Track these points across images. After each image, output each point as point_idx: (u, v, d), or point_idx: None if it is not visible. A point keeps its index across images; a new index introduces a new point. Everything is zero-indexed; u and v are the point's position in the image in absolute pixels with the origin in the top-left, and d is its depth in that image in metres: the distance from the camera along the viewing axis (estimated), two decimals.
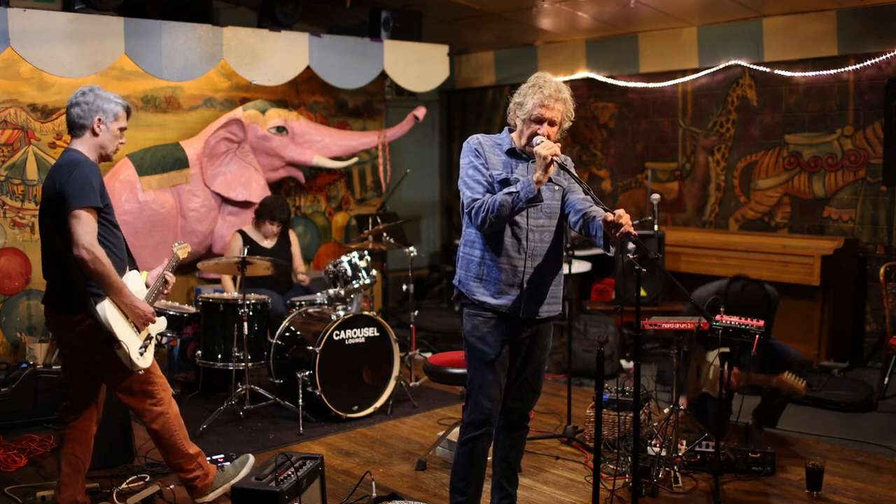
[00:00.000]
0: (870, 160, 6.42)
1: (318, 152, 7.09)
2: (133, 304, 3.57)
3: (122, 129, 3.65)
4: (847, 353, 6.45)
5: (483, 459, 3.47)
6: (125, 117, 3.66)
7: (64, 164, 3.50)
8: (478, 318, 3.39)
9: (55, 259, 3.54)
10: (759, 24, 6.81)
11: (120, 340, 3.48)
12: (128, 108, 3.68)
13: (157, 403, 3.71)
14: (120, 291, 3.52)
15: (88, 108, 3.56)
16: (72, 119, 3.59)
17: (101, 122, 3.57)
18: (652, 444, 4.47)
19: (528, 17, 7.51)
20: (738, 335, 3.98)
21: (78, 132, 3.59)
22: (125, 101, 3.68)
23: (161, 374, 3.77)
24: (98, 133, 3.58)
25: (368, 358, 5.32)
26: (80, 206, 3.40)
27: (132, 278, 3.70)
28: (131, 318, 3.59)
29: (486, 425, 3.40)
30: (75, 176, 3.42)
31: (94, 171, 3.50)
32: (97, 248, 3.42)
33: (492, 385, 3.38)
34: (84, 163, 3.50)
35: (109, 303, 3.51)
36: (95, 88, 3.62)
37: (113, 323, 3.48)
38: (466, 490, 3.47)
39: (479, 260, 3.39)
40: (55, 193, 3.45)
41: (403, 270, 7.79)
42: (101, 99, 3.58)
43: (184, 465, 3.79)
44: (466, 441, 3.44)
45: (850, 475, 4.38)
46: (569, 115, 3.36)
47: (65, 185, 3.42)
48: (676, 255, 6.67)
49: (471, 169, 3.35)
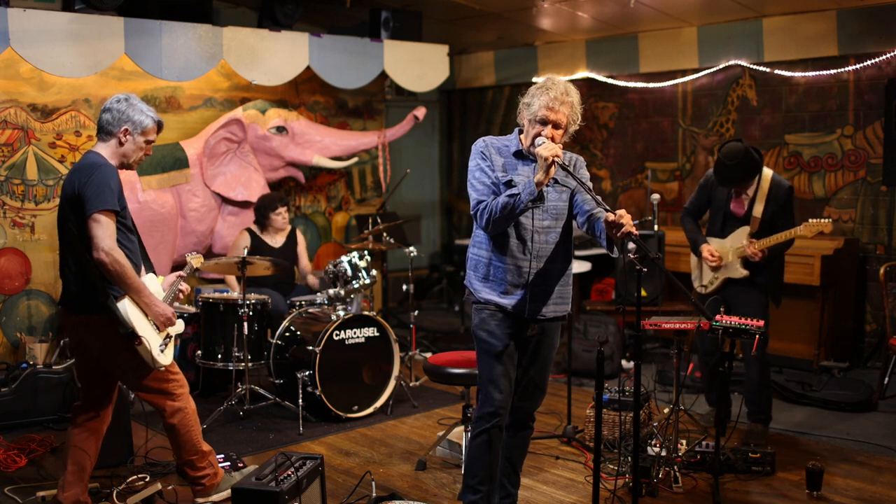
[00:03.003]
0: (870, 160, 6.42)
1: (318, 152, 7.09)
2: (153, 304, 3.64)
3: (148, 142, 3.69)
4: (847, 353, 6.45)
5: (495, 454, 3.45)
6: (154, 131, 3.70)
7: (84, 167, 3.54)
8: (485, 311, 3.43)
9: (72, 260, 3.57)
10: (759, 24, 6.80)
11: (141, 336, 3.53)
12: (159, 122, 3.72)
13: (176, 399, 3.76)
14: (140, 292, 3.58)
15: (119, 116, 3.61)
16: (101, 123, 3.64)
17: (128, 133, 3.62)
18: (652, 444, 4.48)
19: (528, 17, 7.51)
20: (738, 335, 3.99)
21: (104, 137, 3.65)
22: (158, 116, 3.71)
23: (179, 370, 3.82)
24: (123, 143, 3.64)
25: (368, 358, 5.32)
26: (99, 209, 3.45)
27: (149, 281, 3.75)
28: (151, 317, 3.64)
29: (496, 417, 3.40)
30: (94, 179, 3.47)
31: (113, 175, 3.55)
32: (117, 251, 3.47)
33: (501, 377, 3.39)
34: (104, 166, 3.54)
35: (129, 301, 3.57)
36: (132, 98, 3.67)
37: (133, 319, 3.54)
38: (479, 487, 3.44)
39: (487, 261, 3.42)
40: (74, 196, 3.50)
41: (403, 270, 7.80)
42: (133, 109, 3.62)
43: (196, 463, 3.83)
44: (478, 434, 3.43)
45: (850, 475, 4.38)
46: (575, 118, 3.37)
47: (84, 187, 3.47)
48: (676, 255, 6.66)
49: (477, 171, 3.39)
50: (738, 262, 4.87)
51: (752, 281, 4.86)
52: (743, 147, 4.73)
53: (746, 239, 4.83)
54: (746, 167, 4.73)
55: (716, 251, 4.92)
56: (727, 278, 4.93)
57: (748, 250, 4.78)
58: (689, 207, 5.15)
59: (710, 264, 4.94)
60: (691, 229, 5.09)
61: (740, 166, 4.71)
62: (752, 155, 4.73)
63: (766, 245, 4.76)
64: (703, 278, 5.07)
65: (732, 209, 4.93)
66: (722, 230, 4.99)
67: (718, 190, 4.95)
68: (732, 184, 4.84)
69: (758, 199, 4.82)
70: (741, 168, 4.72)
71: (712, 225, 5.08)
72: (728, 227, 4.96)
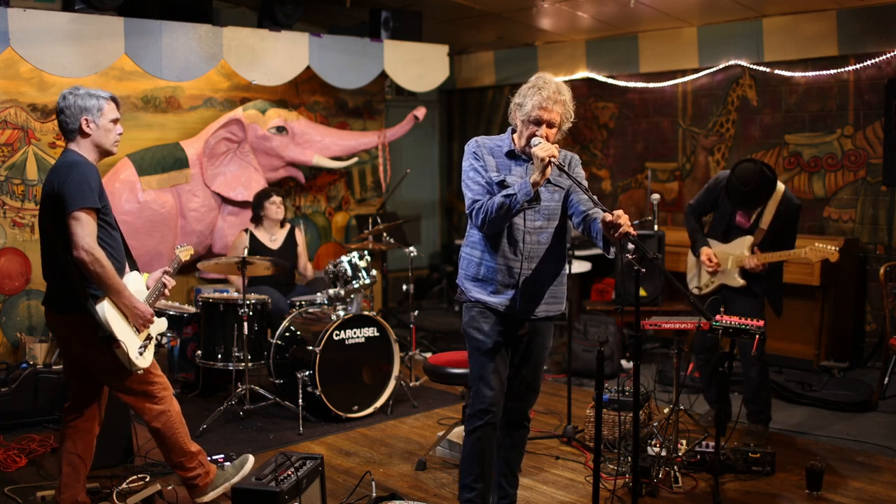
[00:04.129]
0: (870, 160, 6.42)
1: (318, 152, 7.09)
2: (133, 305, 3.57)
3: (113, 121, 3.62)
4: (847, 353, 6.45)
5: (490, 453, 3.45)
6: (114, 108, 3.62)
7: (62, 166, 3.50)
8: (475, 309, 3.43)
9: (54, 259, 3.54)
10: (759, 24, 6.80)
11: (119, 340, 3.48)
12: (113, 97, 3.63)
13: (158, 402, 3.71)
14: (119, 292, 3.52)
15: (72, 111, 3.55)
16: (61, 126, 3.59)
17: (89, 122, 3.56)
18: (652, 444, 4.48)
19: (528, 17, 7.51)
20: (738, 335, 3.99)
21: (70, 136, 3.59)
22: (108, 93, 3.63)
23: (161, 373, 3.77)
24: (89, 132, 3.57)
25: (368, 358, 5.32)
26: (79, 207, 3.40)
27: (133, 279, 3.70)
28: (130, 318, 3.59)
29: (488, 414, 3.40)
30: (73, 177, 3.42)
31: (93, 172, 3.50)
32: (97, 250, 3.42)
33: (491, 374, 3.39)
34: (82, 164, 3.50)
35: (108, 303, 3.51)
36: (75, 89, 3.59)
37: (112, 322, 3.48)
38: (474, 486, 3.44)
39: (478, 260, 3.42)
40: (54, 194, 3.45)
41: (403, 270, 7.80)
42: (81, 98, 3.56)
43: (185, 464, 3.80)
44: (471, 432, 3.43)
45: (850, 475, 4.38)
46: (568, 116, 3.36)
47: (63, 186, 3.42)
48: (676, 255, 6.66)
49: (471, 171, 3.38)
50: (737, 271, 4.83)
51: (749, 289, 4.83)
52: (757, 169, 4.63)
53: (748, 249, 4.80)
54: (761, 192, 4.66)
55: (714, 256, 4.88)
56: (722, 284, 4.92)
57: (748, 263, 4.74)
58: (694, 205, 5.08)
59: (707, 269, 4.91)
60: (694, 228, 5.05)
61: (756, 191, 4.64)
62: (766, 177, 4.64)
63: (768, 260, 4.72)
64: (699, 280, 5.06)
65: (738, 221, 4.88)
66: (724, 237, 4.95)
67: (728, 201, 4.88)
68: (746, 208, 4.79)
69: (766, 212, 4.77)
70: (755, 194, 4.66)
71: (715, 229, 5.04)
72: (731, 235, 4.91)
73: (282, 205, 6.27)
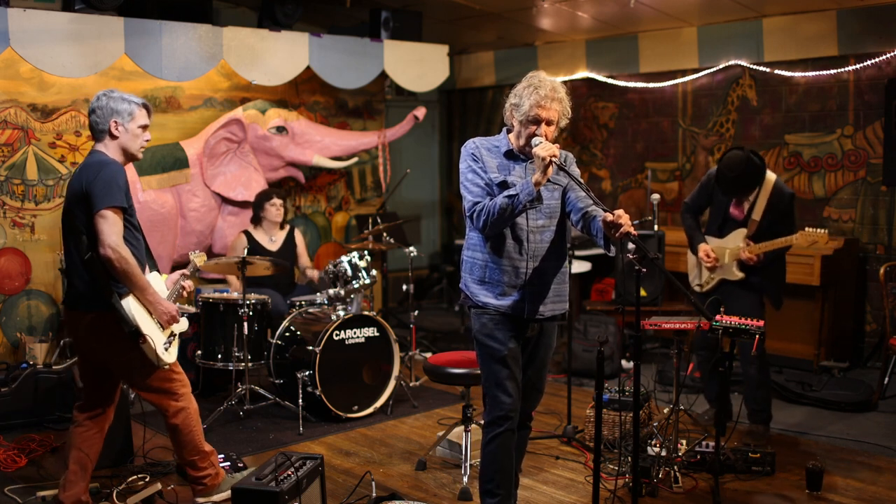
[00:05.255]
0: (870, 160, 6.42)
1: (318, 152, 7.09)
2: (158, 302, 3.64)
3: (142, 127, 3.69)
4: (847, 353, 6.45)
5: (510, 457, 3.44)
6: (145, 115, 3.70)
7: (91, 164, 3.56)
8: (485, 315, 3.41)
9: (78, 257, 3.57)
10: (759, 24, 6.80)
11: (145, 334, 3.54)
12: (145, 104, 3.71)
13: (179, 399, 3.77)
14: (144, 290, 3.59)
15: (103, 112, 3.62)
16: (91, 125, 3.66)
17: (119, 125, 3.62)
18: (652, 444, 4.48)
19: (528, 17, 7.51)
20: (738, 334, 3.99)
21: (99, 136, 3.66)
22: (142, 99, 3.71)
23: (182, 370, 3.82)
24: (117, 135, 3.64)
25: (368, 358, 5.32)
26: (107, 205, 3.46)
27: (153, 279, 3.76)
28: (156, 315, 3.65)
29: (507, 421, 3.39)
30: (102, 176, 3.48)
31: (121, 172, 3.56)
32: (123, 248, 3.48)
33: (508, 380, 3.38)
34: (111, 164, 3.56)
35: (133, 299, 3.58)
36: (110, 91, 3.67)
37: (138, 317, 3.55)
38: (496, 491, 3.43)
39: (482, 263, 3.41)
40: (82, 193, 3.51)
41: (403, 270, 7.80)
42: (114, 101, 3.63)
43: (198, 463, 3.84)
44: (491, 440, 3.41)
45: (850, 475, 4.38)
46: (565, 113, 3.36)
47: (91, 184, 3.48)
48: (676, 255, 6.66)
49: (469, 173, 3.37)
50: (735, 264, 4.87)
51: (748, 282, 4.86)
52: (744, 156, 4.70)
53: (743, 241, 4.84)
54: (748, 178, 4.72)
55: (712, 252, 4.92)
56: (723, 279, 4.94)
57: (743, 254, 4.79)
58: (689, 204, 5.14)
59: (706, 265, 4.94)
60: (690, 226, 5.09)
61: (742, 178, 4.70)
62: (753, 163, 4.70)
63: (762, 250, 4.77)
64: (700, 277, 5.08)
65: (732, 212, 4.93)
66: (720, 231, 5.00)
67: (719, 191, 4.94)
68: (735, 195, 4.84)
69: (758, 203, 4.82)
70: (743, 180, 4.71)
71: (711, 224, 5.08)
72: (726, 229, 4.97)
73: (282, 207, 6.28)
